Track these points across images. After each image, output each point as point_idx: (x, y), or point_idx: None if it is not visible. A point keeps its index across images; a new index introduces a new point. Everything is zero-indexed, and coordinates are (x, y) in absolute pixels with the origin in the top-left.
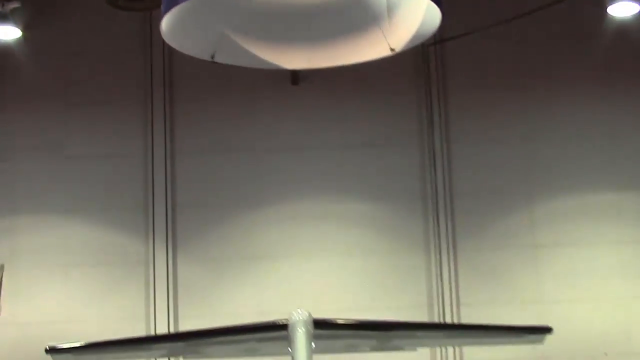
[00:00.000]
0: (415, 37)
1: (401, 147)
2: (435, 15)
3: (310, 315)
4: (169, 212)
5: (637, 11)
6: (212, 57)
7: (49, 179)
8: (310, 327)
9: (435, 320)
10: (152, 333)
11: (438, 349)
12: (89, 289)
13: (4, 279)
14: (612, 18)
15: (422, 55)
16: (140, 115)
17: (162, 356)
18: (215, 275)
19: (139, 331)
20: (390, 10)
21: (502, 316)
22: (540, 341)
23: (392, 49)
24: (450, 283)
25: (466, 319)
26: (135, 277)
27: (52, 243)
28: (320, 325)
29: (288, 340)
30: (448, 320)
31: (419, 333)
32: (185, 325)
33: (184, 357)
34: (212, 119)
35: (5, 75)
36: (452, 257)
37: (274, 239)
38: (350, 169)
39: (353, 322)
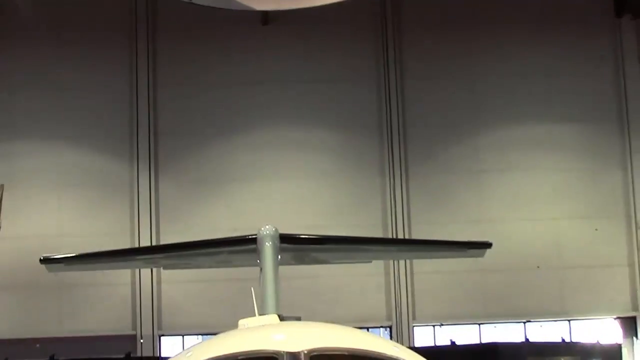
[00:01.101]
0: None
1: (360, 82)
2: None
3: (277, 230)
4: (151, 139)
5: None
6: None
7: (43, 108)
8: (277, 241)
9: (389, 237)
10: (136, 246)
11: (390, 262)
12: (80, 207)
13: (3, 197)
14: None
15: None
16: (126, 52)
17: (145, 266)
18: (193, 195)
19: (124, 244)
20: None
21: (449, 233)
22: (481, 255)
23: None
24: (402, 204)
25: (416, 236)
26: (121, 196)
27: (46, 166)
28: (286, 240)
29: (257, 253)
30: (400, 237)
31: (374, 247)
32: (166, 240)
33: (164, 268)
34: (191, 55)
35: (4, 15)
36: (404, 181)
37: (246, 163)
38: (314, 101)
39: (315, 237)
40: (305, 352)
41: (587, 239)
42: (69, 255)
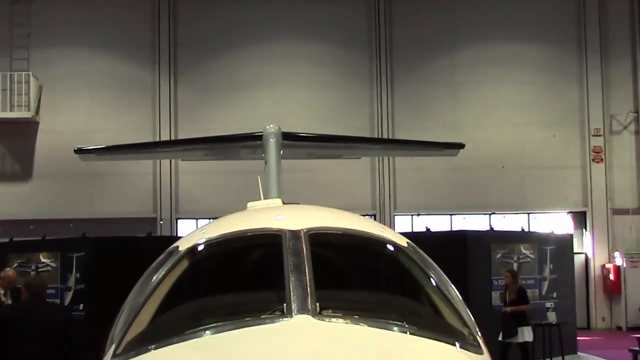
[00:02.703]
0: None
1: (353, 4)
2: None
3: (279, 128)
4: (171, 48)
5: None
6: None
7: (77, 19)
8: (280, 138)
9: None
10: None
11: (376, 159)
12: (109, 107)
13: (42, 97)
14: None
15: None
16: None
17: (165, 158)
18: (207, 99)
19: (147, 140)
20: None
21: (427, 137)
22: (455, 154)
23: None
24: (388, 110)
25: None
26: (145, 98)
27: (79, 70)
28: (288, 137)
29: (262, 148)
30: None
31: (363, 145)
32: (183, 137)
33: (182, 159)
34: None
35: None
36: (390, 90)
37: (254, 72)
38: (315, 19)
39: (312, 135)
40: (305, 230)
41: (546, 143)
42: (100, 146)
